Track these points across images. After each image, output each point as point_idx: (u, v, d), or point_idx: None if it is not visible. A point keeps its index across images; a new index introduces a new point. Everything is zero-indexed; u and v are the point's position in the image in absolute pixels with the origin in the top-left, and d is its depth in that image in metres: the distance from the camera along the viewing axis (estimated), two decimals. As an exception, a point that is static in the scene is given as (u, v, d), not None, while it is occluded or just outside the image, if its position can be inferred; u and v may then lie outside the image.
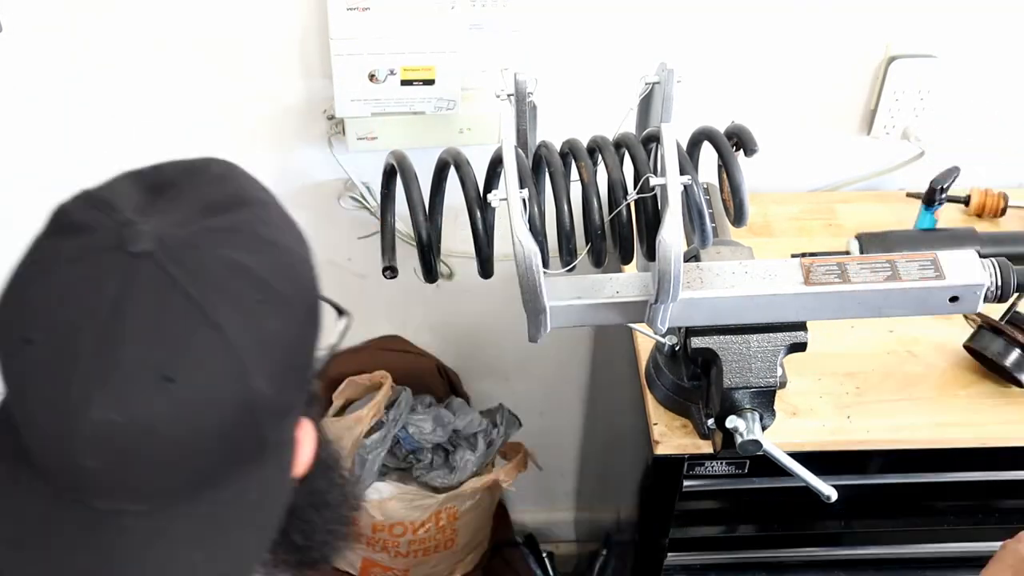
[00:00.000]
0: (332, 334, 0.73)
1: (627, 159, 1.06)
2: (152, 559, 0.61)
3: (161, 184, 0.65)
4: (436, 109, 1.44)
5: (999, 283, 1.09)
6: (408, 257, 1.21)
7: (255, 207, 0.66)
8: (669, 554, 1.38)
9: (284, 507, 0.67)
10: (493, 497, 1.90)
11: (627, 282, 1.09)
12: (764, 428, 1.15)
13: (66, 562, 0.61)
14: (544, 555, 2.12)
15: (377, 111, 1.43)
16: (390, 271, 1.12)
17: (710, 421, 1.19)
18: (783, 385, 1.18)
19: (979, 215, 1.56)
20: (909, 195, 1.57)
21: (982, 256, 1.11)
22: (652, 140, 1.09)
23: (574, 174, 1.07)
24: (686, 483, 1.29)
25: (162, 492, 0.61)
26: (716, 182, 1.16)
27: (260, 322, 0.61)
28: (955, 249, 1.12)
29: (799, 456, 1.15)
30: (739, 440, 1.14)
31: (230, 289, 0.60)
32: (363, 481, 1.75)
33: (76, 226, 0.61)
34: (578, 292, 1.08)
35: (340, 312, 0.75)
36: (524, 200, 0.99)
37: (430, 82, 1.41)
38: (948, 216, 1.53)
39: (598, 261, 1.07)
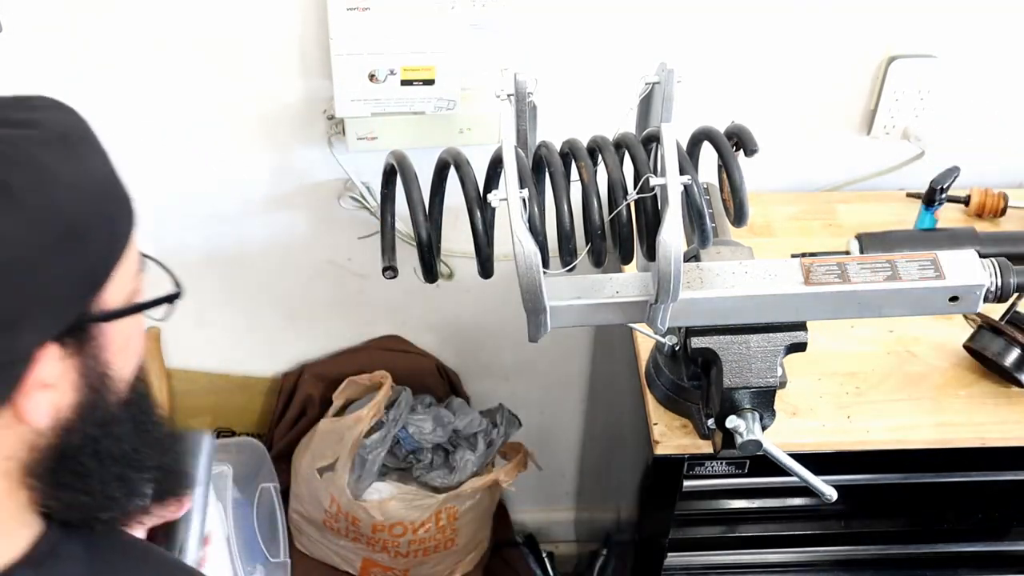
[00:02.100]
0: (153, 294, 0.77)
1: (627, 159, 1.06)
2: None
3: None
4: (436, 109, 1.44)
5: (999, 283, 1.09)
6: (408, 257, 1.21)
7: (47, 132, 0.69)
8: (669, 554, 1.38)
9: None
10: (493, 497, 1.90)
11: (627, 282, 1.09)
12: (764, 428, 1.15)
13: None
14: (544, 555, 2.12)
15: (377, 111, 1.43)
16: (390, 271, 1.12)
17: (710, 421, 1.19)
18: (783, 385, 1.18)
19: (979, 215, 1.56)
20: (909, 195, 1.58)
21: (982, 256, 1.11)
22: (652, 140, 1.09)
23: (574, 174, 1.07)
24: (686, 483, 1.29)
25: None
26: (716, 182, 1.16)
27: None
28: (955, 249, 1.12)
29: (799, 456, 1.15)
30: (739, 440, 1.14)
31: None
32: (363, 481, 1.75)
33: None
34: (578, 292, 1.08)
35: (176, 283, 0.79)
36: (524, 200, 0.99)
37: (430, 82, 1.41)
38: (948, 216, 1.53)
39: (598, 261, 1.07)
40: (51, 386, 0.69)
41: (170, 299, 0.79)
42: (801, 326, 1.12)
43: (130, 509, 0.80)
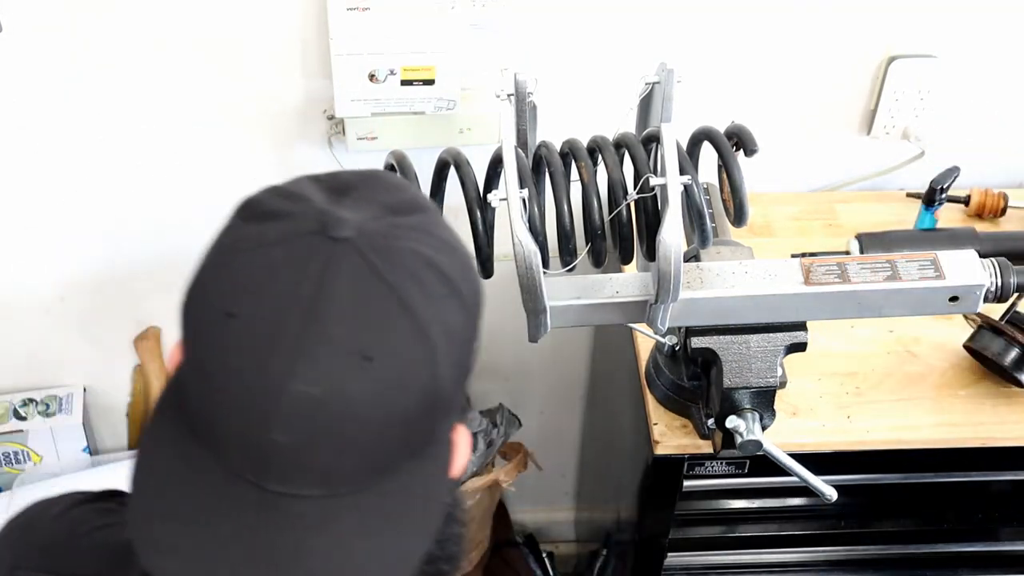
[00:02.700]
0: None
1: (627, 159, 1.06)
2: (321, 545, 0.61)
3: (342, 187, 0.67)
4: (436, 109, 1.44)
5: (999, 283, 1.09)
6: (408, 257, 1.21)
7: (430, 212, 0.68)
8: (669, 554, 1.38)
9: (444, 507, 0.68)
10: (493, 497, 1.90)
11: (627, 282, 1.09)
12: (764, 428, 1.15)
13: (235, 541, 0.61)
14: (544, 555, 2.12)
15: (377, 111, 1.43)
16: (390, 271, 1.11)
17: (710, 421, 1.19)
18: (783, 385, 1.18)
19: (979, 215, 1.56)
20: (909, 195, 1.58)
21: (982, 256, 1.11)
22: (652, 140, 1.09)
23: (574, 174, 1.07)
24: (686, 483, 1.29)
25: (339, 476, 0.61)
26: (716, 182, 1.16)
27: (446, 315, 0.63)
28: (955, 249, 1.12)
29: (799, 456, 1.15)
30: (739, 440, 1.14)
31: (422, 279, 0.62)
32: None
33: (273, 213, 0.64)
34: (578, 292, 1.08)
35: None
36: (524, 200, 0.99)
37: (430, 82, 1.41)
38: (948, 216, 1.53)
39: (598, 261, 1.07)
40: (461, 467, 0.69)
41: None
42: (801, 326, 1.12)
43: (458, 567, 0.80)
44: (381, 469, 0.63)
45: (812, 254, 1.33)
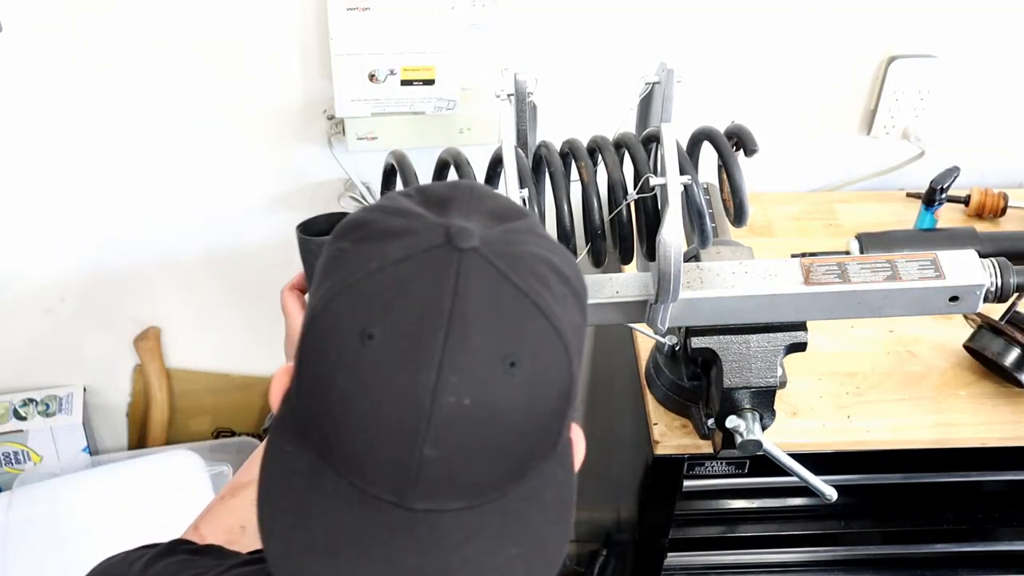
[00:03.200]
0: None
1: (627, 159, 1.06)
2: (472, 555, 0.61)
3: (439, 199, 0.66)
4: (436, 109, 1.44)
5: (999, 283, 1.09)
6: (408, 257, 1.21)
7: (530, 216, 0.69)
8: (669, 554, 1.38)
9: (573, 506, 0.67)
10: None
11: (627, 282, 1.09)
12: (764, 428, 1.15)
13: (385, 565, 0.60)
14: (544, 555, 2.12)
15: (377, 111, 1.43)
16: (390, 271, 1.12)
17: (710, 421, 1.19)
18: (783, 385, 1.18)
19: (979, 215, 1.56)
20: (909, 195, 1.58)
21: (982, 256, 1.11)
22: (652, 140, 1.09)
23: (574, 174, 1.07)
24: (686, 483, 1.29)
25: (481, 486, 0.62)
26: (716, 182, 1.16)
27: (571, 312, 0.64)
28: (955, 249, 1.12)
29: (799, 456, 1.15)
30: (739, 440, 1.14)
31: (547, 280, 0.63)
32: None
33: (389, 231, 0.63)
34: (578, 292, 1.08)
35: None
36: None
37: (430, 82, 1.41)
38: (948, 216, 1.53)
39: (598, 261, 1.07)
40: (580, 462, 0.70)
41: None
42: (801, 326, 1.12)
43: None
44: (518, 474, 0.63)
45: (812, 254, 1.33)
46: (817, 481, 1.14)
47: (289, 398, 0.66)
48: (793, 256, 1.19)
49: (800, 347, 1.13)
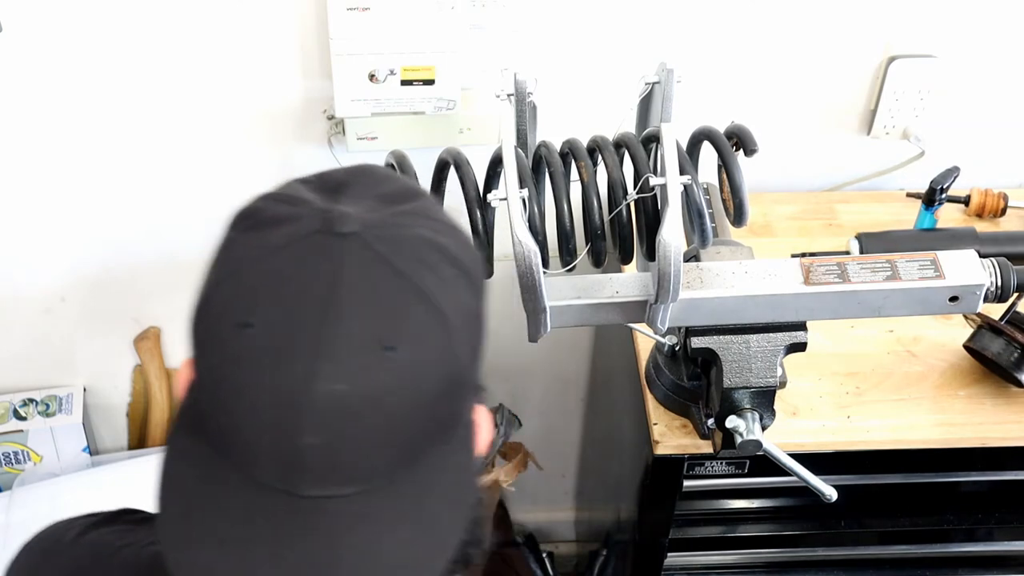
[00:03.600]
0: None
1: (627, 159, 1.06)
2: (361, 540, 0.61)
3: (334, 185, 0.67)
4: (436, 109, 1.44)
5: (999, 283, 1.09)
6: (408, 257, 1.21)
7: (426, 198, 0.69)
8: (669, 554, 1.38)
9: (474, 489, 0.68)
10: (493, 497, 1.90)
11: (627, 282, 1.09)
12: (764, 428, 1.15)
13: (272, 555, 0.60)
14: (544, 555, 2.12)
15: (377, 111, 1.43)
16: (390, 271, 1.12)
17: (710, 421, 1.19)
18: (783, 385, 1.18)
19: (979, 215, 1.56)
20: (909, 195, 1.57)
21: (982, 256, 1.11)
22: (652, 140, 1.09)
23: (574, 174, 1.07)
24: (686, 483, 1.29)
25: (370, 471, 0.61)
26: (716, 182, 1.16)
27: (458, 294, 0.64)
28: (955, 249, 1.12)
29: (799, 456, 1.15)
30: (739, 440, 1.14)
31: (432, 263, 0.62)
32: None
33: (273, 219, 0.64)
34: (578, 292, 1.08)
35: None
36: (524, 200, 0.99)
37: (430, 82, 1.41)
38: (948, 216, 1.53)
39: (598, 261, 1.07)
40: (485, 446, 0.69)
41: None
42: (801, 326, 1.12)
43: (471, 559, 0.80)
44: (410, 458, 0.63)
45: (812, 254, 1.33)
46: (817, 481, 1.14)
47: (192, 388, 0.66)
48: (793, 256, 1.20)
49: (800, 347, 1.13)
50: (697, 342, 1.12)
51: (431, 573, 0.63)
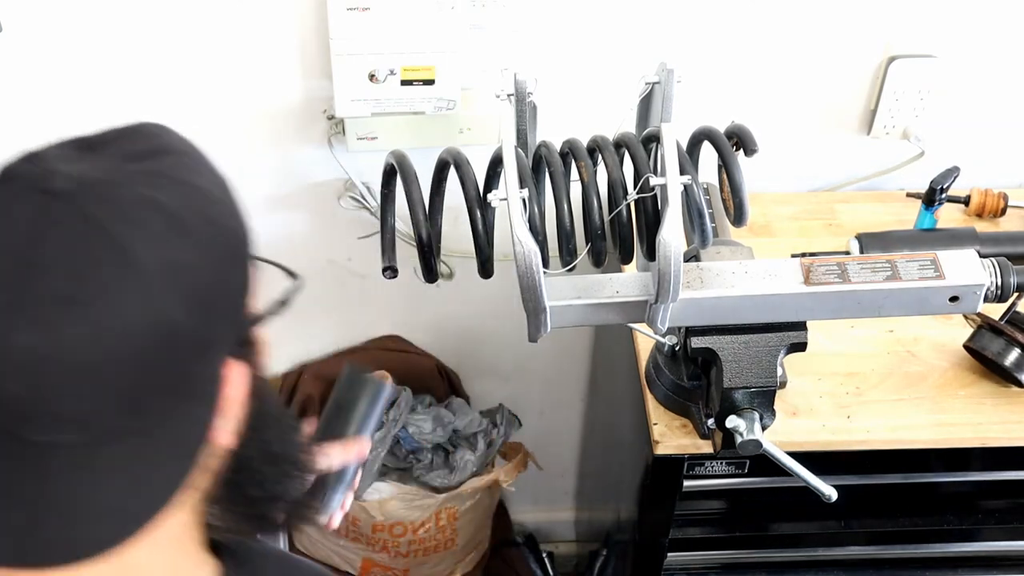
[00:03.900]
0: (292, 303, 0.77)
1: (627, 159, 1.06)
2: (76, 485, 0.64)
3: (95, 142, 0.69)
4: (436, 109, 1.44)
5: (999, 283, 1.09)
6: (408, 257, 1.21)
7: (178, 156, 0.71)
8: (669, 554, 1.38)
9: (207, 443, 0.69)
10: (493, 497, 1.90)
11: (627, 282, 1.09)
12: (764, 428, 1.15)
13: None
14: (544, 555, 2.12)
15: (377, 111, 1.43)
16: (390, 271, 1.12)
17: (710, 421, 1.19)
18: (783, 385, 1.18)
19: (979, 215, 1.56)
20: (909, 195, 1.58)
21: (982, 256, 1.11)
22: (652, 140, 1.09)
23: (574, 174, 1.07)
24: (686, 483, 1.29)
25: (88, 420, 0.64)
26: (716, 182, 1.16)
27: (169, 251, 0.64)
28: (955, 249, 1.12)
29: (799, 456, 1.15)
30: (739, 440, 1.14)
31: (139, 219, 0.64)
32: (363, 481, 1.75)
33: (7, 175, 0.66)
34: (578, 292, 1.08)
35: (291, 275, 0.80)
36: (524, 200, 0.99)
37: (430, 82, 1.41)
38: (948, 216, 1.53)
39: (598, 261, 1.07)
40: (235, 401, 0.70)
41: (296, 289, 0.80)
42: (801, 326, 1.12)
43: (296, 508, 0.82)
44: (133, 409, 0.64)
45: (812, 254, 1.33)
46: (817, 481, 1.14)
47: None
48: (793, 256, 1.20)
49: (800, 347, 1.13)
50: (697, 342, 1.12)
51: (140, 521, 0.66)
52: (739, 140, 1.08)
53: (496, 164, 1.08)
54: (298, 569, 0.87)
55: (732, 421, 1.14)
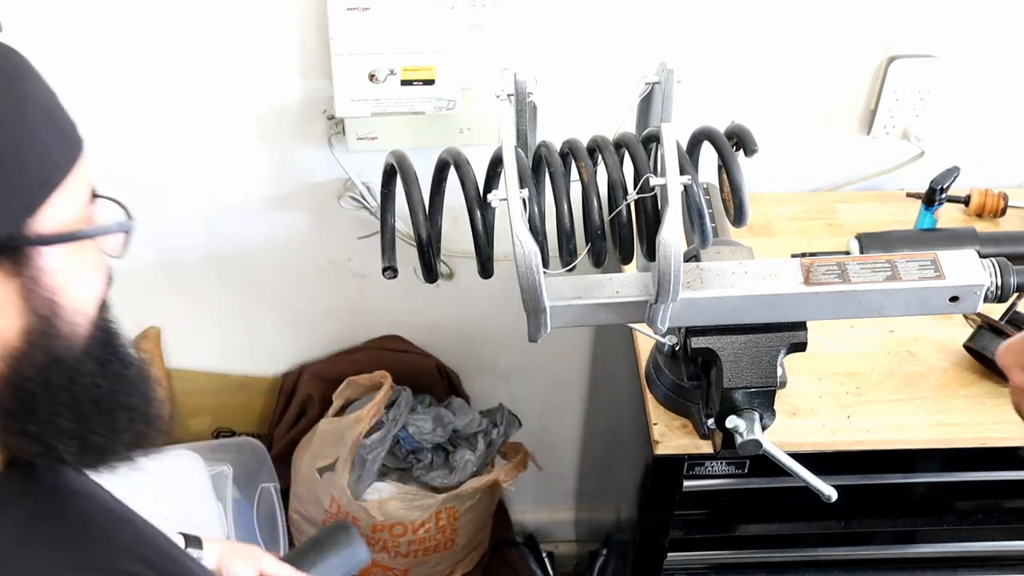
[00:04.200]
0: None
1: (627, 159, 1.06)
2: None
3: None
4: (436, 109, 1.44)
5: (999, 283, 1.09)
6: (408, 257, 1.21)
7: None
8: (669, 554, 1.38)
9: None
10: (493, 497, 1.90)
11: (627, 282, 1.09)
12: (764, 428, 1.15)
13: None
14: (544, 555, 2.12)
15: (377, 111, 1.43)
16: (390, 271, 1.12)
17: (710, 421, 1.19)
18: (783, 385, 1.18)
19: (979, 215, 1.56)
20: (909, 195, 1.58)
21: (982, 256, 1.11)
22: (652, 140, 1.09)
23: (574, 174, 1.07)
24: (686, 483, 1.29)
25: None
26: (716, 182, 1.16)
27: None
28: (955, 249, 1.12)
29: (799, 456, 1.15)
30: (739, 440, 1.14)
31: None
32: (363, 481, 1.75)
33: None
34: (578, 292, 1.08)
35: (123, 208, 0.83)
36: (524, 200, 0.99)
37: (430, 82, 1.41)
38: (948, 216, 1.53)
39: (598, 261, 1.07)
40: None
41: (122, 230, 0.81)
42: (801, 326, 1.12)
43: (91, 447, 0.79)
44: None
45: (812, 254, 1.33)
46: (817, 481, 1.14)
47: None
48: (793, 256, 1.20)
49: (800, 347, 1.13)
50: (697, 342, 1.12)
51: None
52: (739, 140, 1.08)
53: (496, 164, 1.08)
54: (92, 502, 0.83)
55: (732, 421, 1.14)
